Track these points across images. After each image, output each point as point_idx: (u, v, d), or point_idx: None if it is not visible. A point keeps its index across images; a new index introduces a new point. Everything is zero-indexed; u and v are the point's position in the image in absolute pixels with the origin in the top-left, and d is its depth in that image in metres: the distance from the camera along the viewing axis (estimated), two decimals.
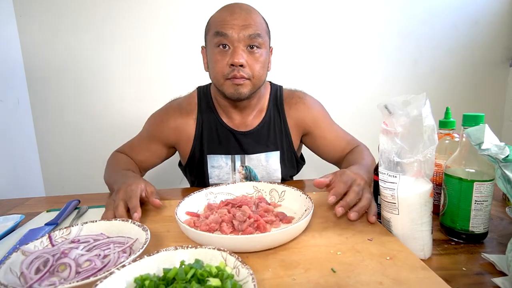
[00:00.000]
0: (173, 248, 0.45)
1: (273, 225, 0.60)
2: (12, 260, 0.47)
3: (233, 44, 0.78)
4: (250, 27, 0.78)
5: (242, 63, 0.78)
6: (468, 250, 0.55)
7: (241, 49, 0.78)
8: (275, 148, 0.94)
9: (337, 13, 1.58)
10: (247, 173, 0.95)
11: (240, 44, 0.78)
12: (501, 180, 0.49)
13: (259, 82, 0.84)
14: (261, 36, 0.80)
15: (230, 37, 0.78)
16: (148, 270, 0.42)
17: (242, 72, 0.79)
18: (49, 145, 1.56)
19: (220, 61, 0.80)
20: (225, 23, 0.78)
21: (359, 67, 1.65)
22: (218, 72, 0.81)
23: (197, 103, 0.95)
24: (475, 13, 1.64)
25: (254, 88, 0.84)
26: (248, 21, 0.78)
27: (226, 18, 0.79)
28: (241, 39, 0.78)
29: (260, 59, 0.81)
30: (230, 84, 0.81)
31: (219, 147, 0.93)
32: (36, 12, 1.44)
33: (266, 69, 0.86)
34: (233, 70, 0.79)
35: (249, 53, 0.80)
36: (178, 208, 0.62)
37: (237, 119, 0.93)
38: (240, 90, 0.81)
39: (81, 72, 1.51)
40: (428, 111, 0.51)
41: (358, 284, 0.43)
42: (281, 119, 0.95)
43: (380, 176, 0.56)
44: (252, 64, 0.80)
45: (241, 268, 0.41)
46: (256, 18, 0.81)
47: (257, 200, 0.69)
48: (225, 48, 0.79)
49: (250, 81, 0.81)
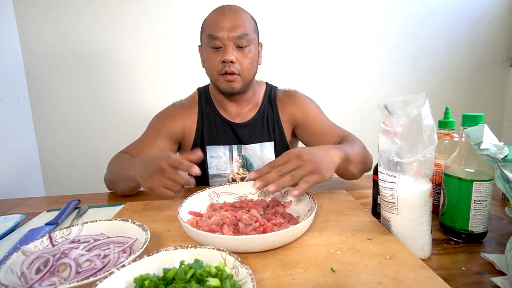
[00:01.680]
0: (172, 248, 0.45)
1: (281, 227, 0.59)
2: (12, 260, 0.47)
3: (224, 44, 0.88)
4: (238, 28, 0.87)
5: (232, 60, 0.87)
6: (467, 250, 0.55)
7: (231, 47, 0.88)
8: (268, 139, 1.01)
9: (335, 13, 1.58)
10: (244, 161, 1.01)
11: (230, 43, 0.87)
12: (500, 180, 0.49)
13: (249, 75, 0.93)
14: (248, 35, 0.89)
15: (221, 39, 0.87)
16: (148, 270, 0.42)
17: (232, 68, 0.88)
18: (49, 145, 1.57)
19: (214, 59, 0.90)
20: (216, 26, 0.87)
21: (358, 67, 1.65)
22: (213, 69, 0.91)
23: (198, 100, 1.03)
24: (475, 13, 1.64)
25: (245, 82, 0.92)
26: (236, 21, 0.87)
27: (217, 20, 0.88)
28: (231, 39, 0.87)
29: (249, 55, 0.90)
30: (223, 80, 0.91)
31: (217, 138, 1.00)
32: (36, 12, 1.45)
33: (255, 64, 0.94)
34: (225, 66, 0.88)
35: (239, 51, 0.89)
36: (181, 208, 0.62)
37: (233, 112, 1.01)
38: (232, 85, 0.91)
39: (81, 72, 1.52)
40: (428, 111, 0.51)
41: (358, 283, 0.43)
42: (274, 113, 1.02)
43: (379, 176, 0.56)
44: (241, 60, 0.89)
45: (241, 268, 0.41)
46: (244, 18, 0.90)
47: (271, 203, 0.69)
48: (218, 49, 0.89)
49: (240, 76, 0.91)
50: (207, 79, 0.97)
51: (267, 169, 0.65)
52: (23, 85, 1.49)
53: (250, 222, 0.59)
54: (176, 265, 0.42)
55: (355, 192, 0.84)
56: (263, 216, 0.63)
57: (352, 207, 0.70)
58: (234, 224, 0.60)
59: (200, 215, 0.66)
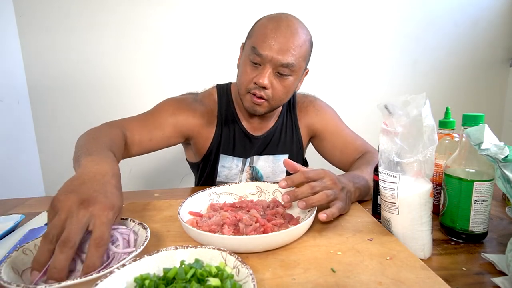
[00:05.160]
0: (173, 247, 0.45)
1: (282, 227, 0.59)
2: (13, 258, 0.47)
3: (264, 64, 0.78)
4: (287, 54, 0.77)
5: (266, 85, 0.79)
6: (468, 250, 0.55)
7: (269, 71, 0.78)
8: (284, 152, 0.97)
9: (336, 14, 1.58)
10: (254, 173, 0.98)
11: (271, 68, 0.78)
12: (501, 180, 0.49)
13: (278, 104, 0.85)
14: (295, 65, 0.79)
15: (263, 57, 0.77)
16: (148, 269, 0.42)
17: (263, 93, 0.80)
18: (49, 145, 1.56)
19: (249, 74, 0.81)
20: (264, 42, 0.77)
21: (358, 67, 1.65)
22: (243, 83, 0.83)
23: (217, 101, 0.94)
24: (475, 13, 1.64)
25: (271, 109, 0.86)
26: (288, 45, 0.76)
27: (267, 35, 0.77)
28: (273, 63, 0.77)
29: (287, 84, 0.81)
30: (249, 100, 0.83)
31: (233, 150, 0.95)
32: (36, 12, 1.44)
33: (290, 93, 0.86)
34: (256, 88, 0.80)
35: (277, 77, 0.80)
36: (181, 208, 0.62)
37: (255, 124, 0.95)
38: (257, 108, 0.84)
39: (81, 72, 1.52)
40: (428, 111, 0.51)
41: (358, 284, 0.43)
42: (293, 123, 0.98)
43: (380, 176, 0.56)
44: (276, 88, 0.81)
45: (241, 268, 0.41)
46: (298, 44, 0.78)
47: (272, 203, 0.68)
48: (256, 65, 0.80)
49: (268, 102, 0.83)
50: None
51: (299, 179, 0.59)
52: (23, 85, 1.49)
53: (250, 223, 0.59)
54: (177, 265, 0.42)
55: None
56: (263, 216, 0.63)
57: (352, 207, 0.70)
58: (234, 224, 0.60)
59: (200, 215, 0.65)
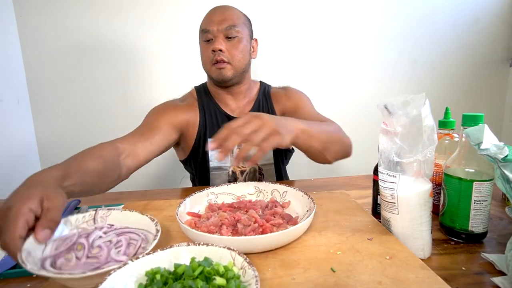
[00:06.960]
0: (185, 244, 0.47)
1: (280, 227, 0.59)
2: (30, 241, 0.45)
3: (214, 36, 0.94)
4: (226, 20, 0.93)
5: (221, 48, 0.92)
6: (467, 250, 0.55)
7: (220, 38, 0.93)
8: None
9: (335, 13, 1.58)
10: None
11: (220, 34, 0.93)
12: (500, 180, 0.49)
13: (240, 64, 0.96)
14: (237, 26, 0.94)
15: (211, 31, 0.93)
16: (160, 264, 0.44)
17: (222, 56, 0.93)
18: (49, 145, 1.56)
19: (206, 50, 0.96)
20: (207, 21, 0.95)
21: (358, 67, 1.65)
22: (205, 60, 0.97)
23: (196, 95, 1.06)
24: (475, 12, 1.64)
25: (236, 71, 0.96)
26: (225, 15, 0.94)
27: (208, 16, 0.96)
28: (220, 31, 0.93)
29: (238, 45, 0.95)
30: (214, 69, 0.95)
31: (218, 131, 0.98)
32: (36, 12, 1.44)
33: (247, 55, 0.98)
34: (215, 55, 0.93)
35: (228, 41, 0.94)
36: (179, 209, 0.62)
37: (232, 105, 1.05)
38: (223, 73, 0.94)
39: (81, 72, 1.51)
40: (428, 111, 0.51)
41: (358, 283, 0.43)
42: (268, 106, 1.07)
43: (379, 176, 0.56)
44: (230, 50, 0.94)
45: (248, 269, 0.41)
46: (232, 12, 0.96)
47: (270, 203, 0.68)
48: (209, 41, 0.95)
49: (230, 65, 0.94)
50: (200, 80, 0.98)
51: (225, 133, 0.61)
52: (23, 85, 1.49)
53: (249, 223, 0.59)
54: (187, 261, 0.44)
55: (355, 192, 0.84)
56: (261, 216, 0.63)
57: (352, 207, 0.70)
58: (232, 225, 0.60)
59: (198, 216, 0.65)
